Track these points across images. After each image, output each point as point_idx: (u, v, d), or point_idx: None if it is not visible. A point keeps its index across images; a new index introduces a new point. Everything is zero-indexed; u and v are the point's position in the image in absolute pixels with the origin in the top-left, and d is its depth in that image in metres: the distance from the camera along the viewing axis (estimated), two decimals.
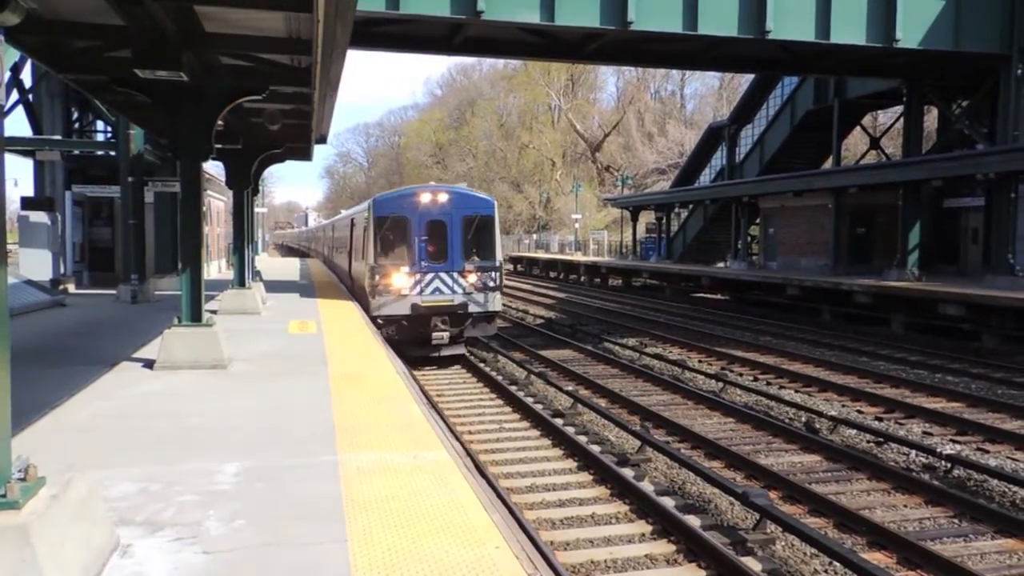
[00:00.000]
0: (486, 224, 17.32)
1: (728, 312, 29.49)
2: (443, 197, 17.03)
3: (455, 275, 16.88)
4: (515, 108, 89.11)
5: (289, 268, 39.72)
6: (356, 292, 20.41)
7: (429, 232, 16.86)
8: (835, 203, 29.75)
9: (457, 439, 8.95)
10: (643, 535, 7.77)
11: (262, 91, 10.23)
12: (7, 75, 3.71)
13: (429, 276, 16.75)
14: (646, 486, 9.11)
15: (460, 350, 17.24)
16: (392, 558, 4.22)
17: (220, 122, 10.76)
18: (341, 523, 4.70)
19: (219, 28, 8.97)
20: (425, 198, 16.92)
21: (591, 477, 9.58)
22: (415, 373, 15.16)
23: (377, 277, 16.46)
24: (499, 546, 4.43)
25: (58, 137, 23.19)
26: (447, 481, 5.55)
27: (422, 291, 16.69)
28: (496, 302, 17.30)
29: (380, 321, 16.16)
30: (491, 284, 17.07)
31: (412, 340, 16.56)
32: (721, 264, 39.37)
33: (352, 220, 22.59)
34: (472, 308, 16.97)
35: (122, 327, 14.51)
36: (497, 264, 17.19)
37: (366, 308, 17.07)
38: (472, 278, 16.94)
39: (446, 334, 16.57)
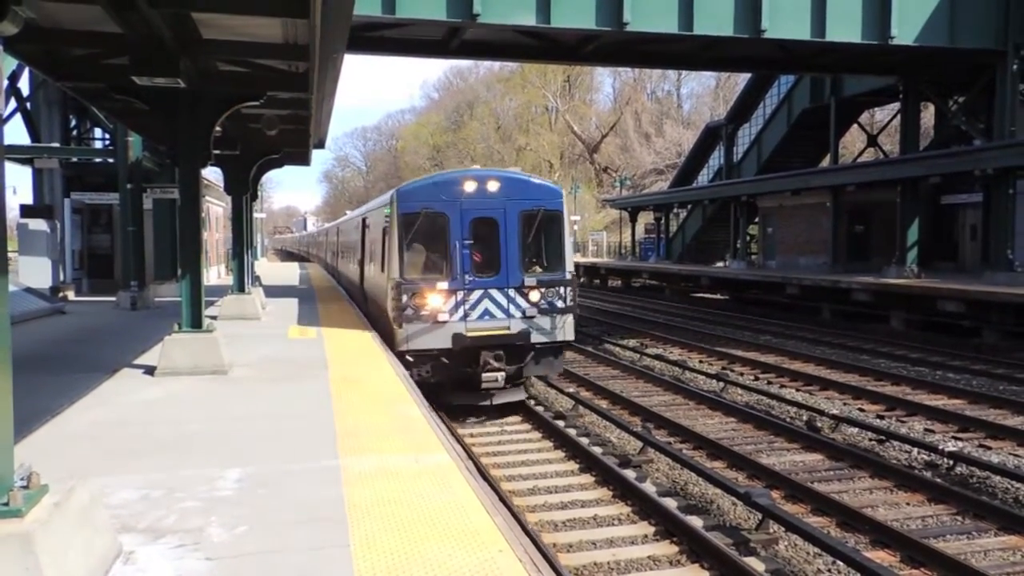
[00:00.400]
0: (552, 221, 13.03)
1: (728, 312, 29.50)
2: (493, 185, 12.71)
3: (511, 292, 12.62)
4: (512, 110, 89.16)
5: (288, 273, 39.72)
6: (372, 314, 16.24)
7: (475, 233, 12.65)
8: (833, 201, 29.78)
9: (459, 442, 8.95)
10: (646, 536, 7.77)
11: (260, 97, 10.25)
12: (5, 83, 3.71)
13: (476, 295, 12.50)
14: (648, 487, 9.11)
15: (519, 395, 13.04)
16: (395, 563, 4.22)
17: (218, 128, 10.78)
18: (343, 528, 4.70)
19: (216, 34, 8.98)
20: (469, 187, 12.64)
21: (593, 479, 9.59)
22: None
23: (404, 297, 12.14)
24: (502, 549, 4.42)
25: (56, 145, 23.23)
26: (449, 484, 5.55)
27: (467, 316, 12.45)
28: (568, 328, 12.99)
29: (409, 358, 12.15)
30: (560, 304, 12.79)
31: (454, 383, 12.52)
32: (720, 264, 39.40)
33: (364, 220, 18.24)
34: (536, 337, 12.67)
35: (122, 334, 14.50)
36: (567, 276, 13.00)
37: (388, 340, 12.92)
38: (534, 296, 12.70)
39: (500, 374, 12.25)
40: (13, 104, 22.65)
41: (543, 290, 12.75)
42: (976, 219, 26.36)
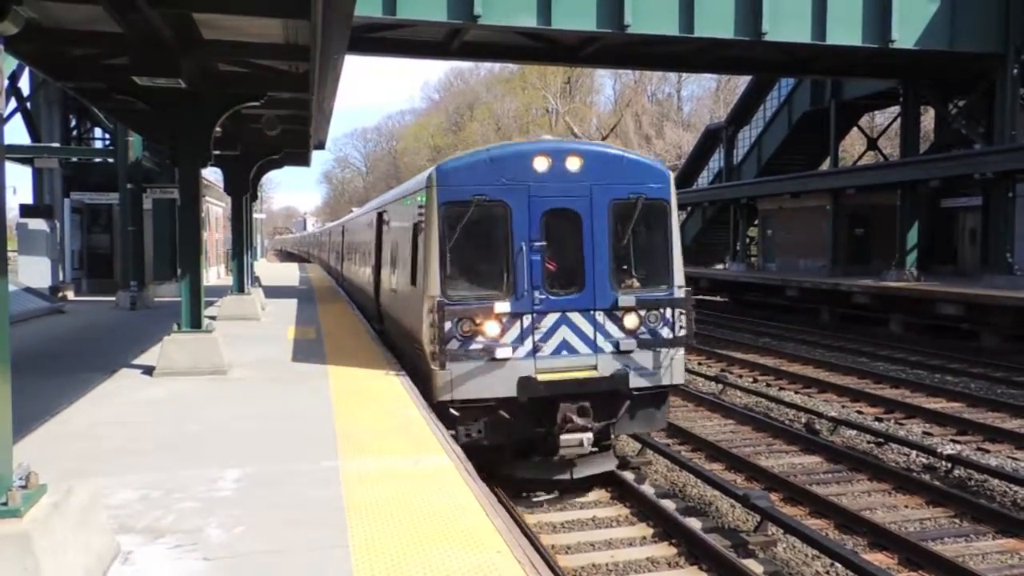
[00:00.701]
0: (655, 214, 9.46)
1: (727, 314, 29.52)
2: (574, 163, 9.18)
3: (599, 317, 9.07)
4: (512, 112, 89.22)
5: (288, 274, 39.72)
6: (393, 341, 12.56)
7: (548, 232, 9.07)
8: (833, 204, 29.80)
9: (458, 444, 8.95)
10: (644, 538, 7.78)
11: (260, 97, 10.26)
12: (5, 83, 3.72)
13: (550, 320, 8.95)
14: (647, 489, 9.11)
15: (608, 464, 9.37)
16: (394, 564, 4.22)
17: (218, 128, 10.79)
18: (343, 529, 4.70)
19: (217, 35, 8.99)
20: (540, 165, 9.10)
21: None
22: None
23: (448, 323, 8.60)
24: (500, 551, 4.43)
25: (56, 144, 23.25)
26: (448, 486, 5.55)
27: (537, 350, 8.87)
28: (676, 367, 9.35)
29: (455, 412, 8.66)
30: (665, 332, 9.27)
31: (517, 448, 9.05)
32: (720, 266, 39.41)
33: (381, 215, 14.26)
34: (635, 381, 9.08)
35: (121, 334, 14.50)
36: (676, 292, 9.40)
37: (422, 383, 9.24)
38: (631, 321, 9.16)
39: (586, 436, 8.57)
40: (13, 104, 22.65)
41: (643, 313, 9.22)
42: (976, 222, 26.37)
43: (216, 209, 33.20)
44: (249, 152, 17.05)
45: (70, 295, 22.10)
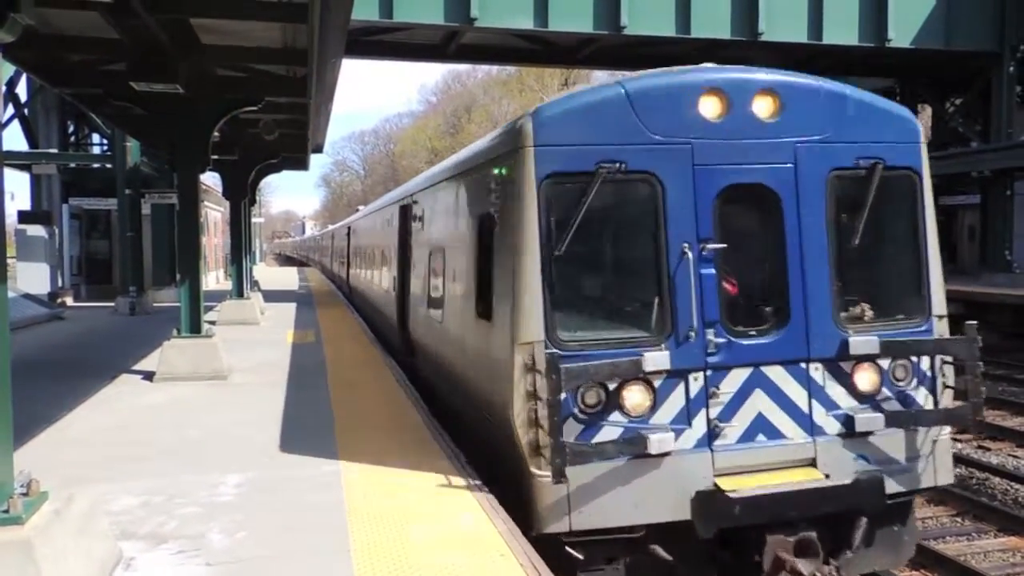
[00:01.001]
0: (898, 194, 5.90)
1: None
2: (765, 106, 5.53)
3: (815, 372, 5.44)
4: (510, 114, 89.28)
5: (287, 278, 39.74)
6: (442, 393, 8.29)
7: (723, 225, 5.40)
8: None
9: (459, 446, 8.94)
10: None
11: (258, 102, 10.27)
12: (3, 89, 3.72)
13: (738, 381, 5.30)
14: None
15: None
16: (396, 567, 4.22)
17: (216, 133, 10.80)
18: (344, 533, 4.70)
19: (215, 40, 9.00)
20: (708, 109, 5.40)
21: None
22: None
23: (563, 393, 4.79)
24: (503, 553, 4.42)
25: (54, 151, 23.26)
26: (450, 489, 5.54)
27: (714, 434, 5.21)
28: (941, 457, 5.71)
29: (572, 545, 5.06)
30: (921, 399, 5.77)
31: None
32: None
33: (408, 209, 10.40)
34: (891, 484, 5.43)
35: (121, 339, 14.49)
36: (935, 328, 6.26)
37: (511, 489, 5.34)
38: (867, 379, 5.58)
39: None
40: (11, 110, 22.66)
41: (887, 364, 5.68)
42: (974, 220, 26.42)
43: (215, 214, 33.20)
44: (247, 156, 17.06)
45: (69, 301, 22.10)
